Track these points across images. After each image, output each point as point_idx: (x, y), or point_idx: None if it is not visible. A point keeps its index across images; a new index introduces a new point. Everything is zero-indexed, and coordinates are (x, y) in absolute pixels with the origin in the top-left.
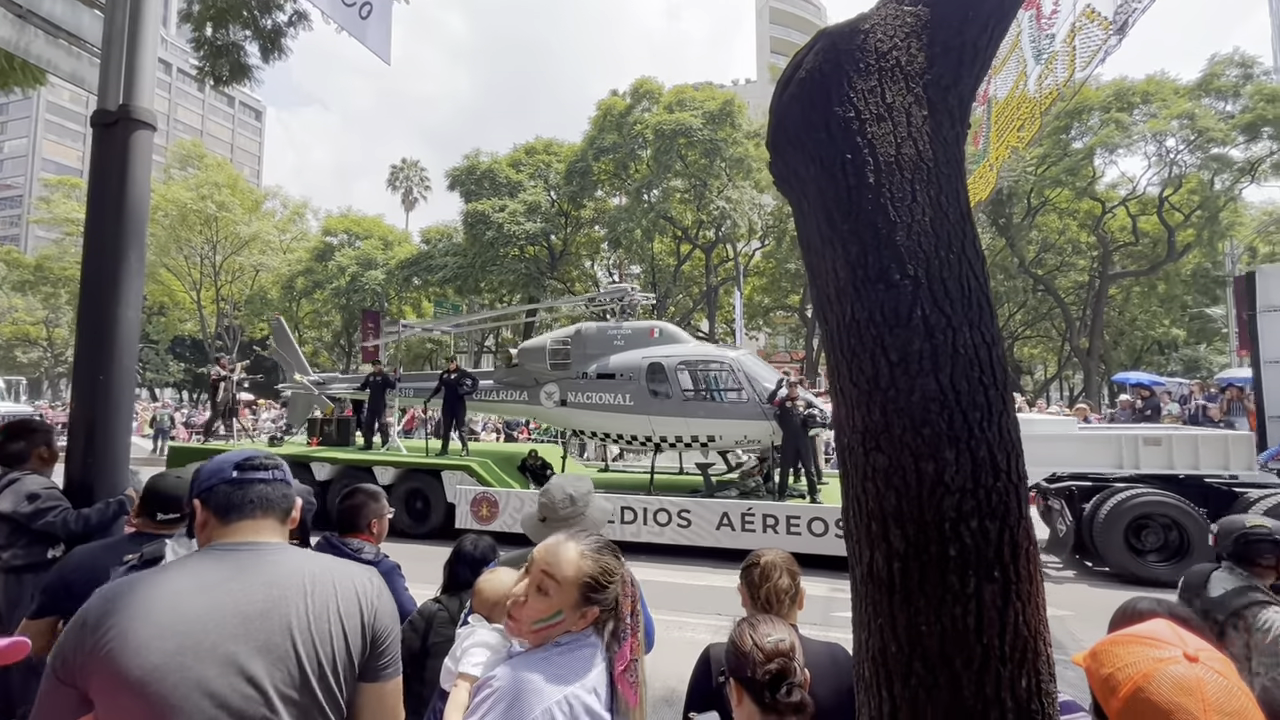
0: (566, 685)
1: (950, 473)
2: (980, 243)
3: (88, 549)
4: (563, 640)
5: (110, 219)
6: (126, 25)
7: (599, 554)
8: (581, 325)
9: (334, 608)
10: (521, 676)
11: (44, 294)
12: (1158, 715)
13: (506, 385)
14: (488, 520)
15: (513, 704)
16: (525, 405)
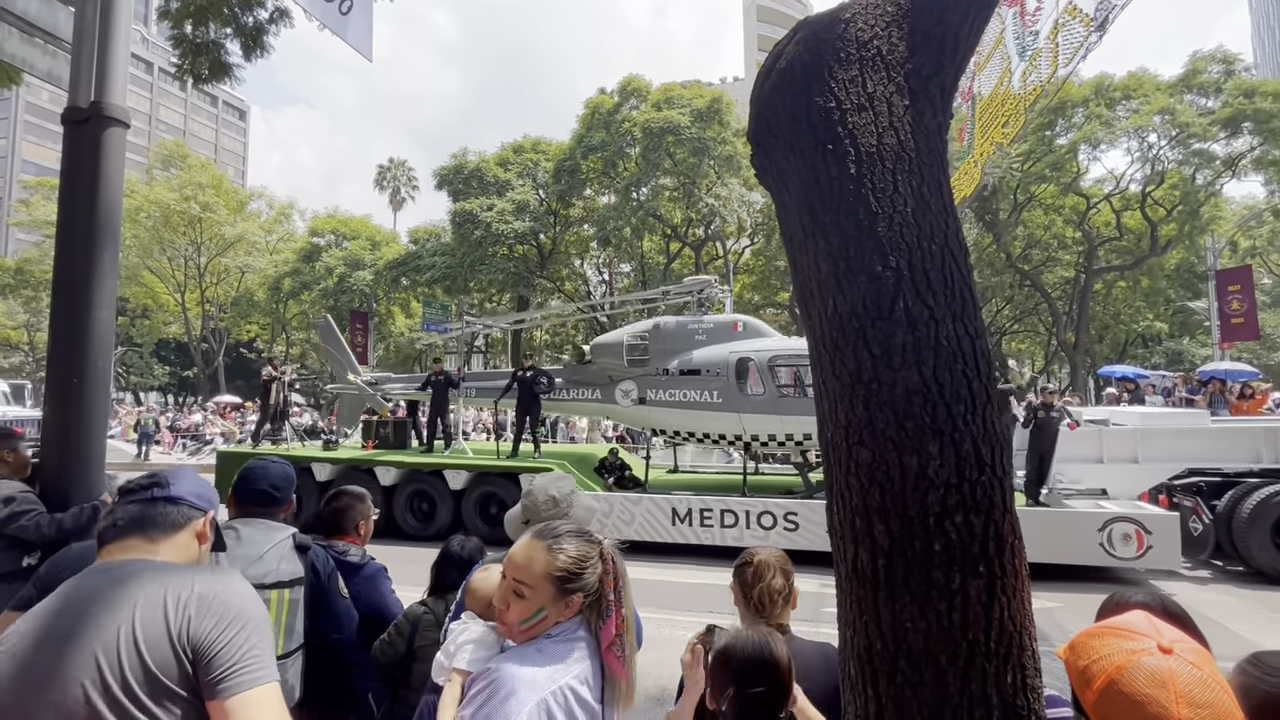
0: (559, 678)
1: (934, 467)
2: (964, 234)
3: (86, 545)
4: (553, 632)
5: (83, 218)
6: (98, 20)
7: (566, 544)
8: (660, 320)
9: (132, 623)
10: (516, 670)
11: (25, 298)
12: (1130, 707)
13: (577, 383)
14: None
15: (508, 697)
16: (598, 404)
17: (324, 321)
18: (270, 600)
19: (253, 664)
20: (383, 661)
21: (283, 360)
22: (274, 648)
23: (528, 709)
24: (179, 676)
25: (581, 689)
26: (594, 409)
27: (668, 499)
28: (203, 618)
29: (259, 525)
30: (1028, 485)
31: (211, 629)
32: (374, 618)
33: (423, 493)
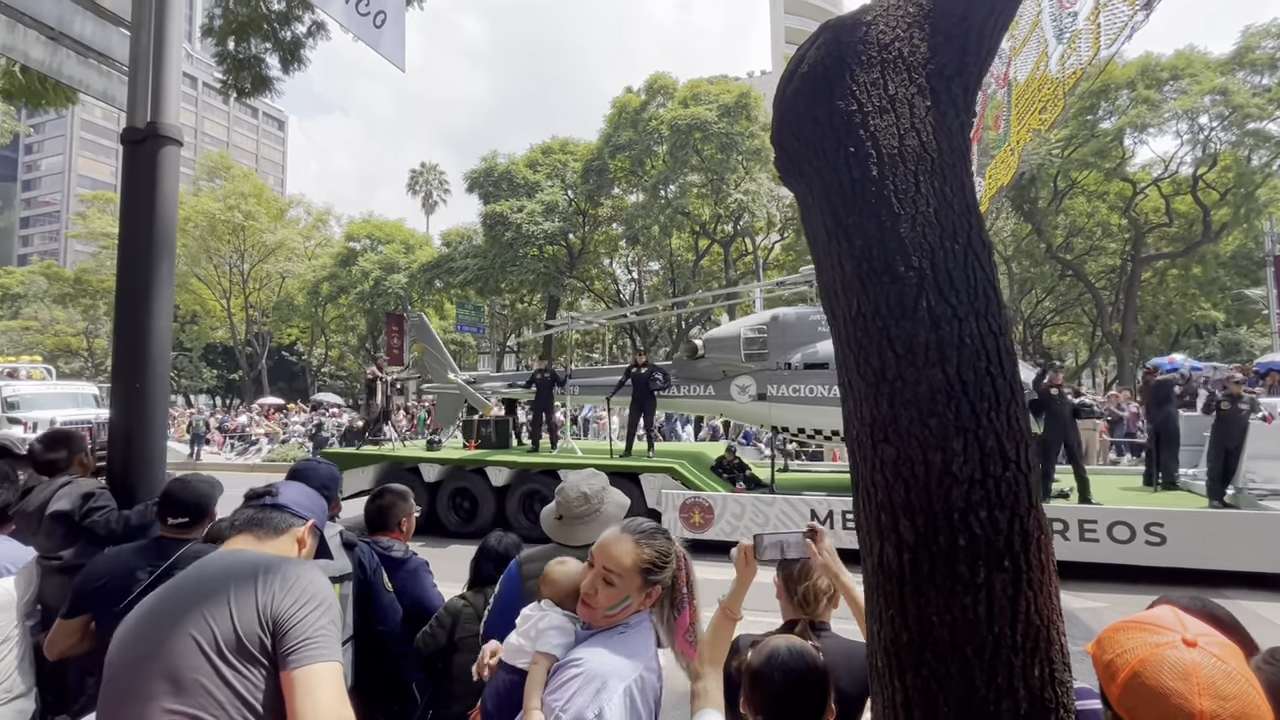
0: (638, 666)
1: (958, 463)
2: (986, 233)
3: (116, 551)
4: (631, 622)
5: (142, 232)
6: (151, 44)
7: (652, 540)
8: (779, 311)
9: (229, 594)
10: (605, 659)
11: (83, 306)
12: (1154, 699)
13: (689, 379)
14: (701, 528)
15: (602, 687)
16: (711, 400)
17: (419, 320)
18: None
19: (321, 641)
20: (425, 652)
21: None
22: (340, 634)
23: (618, 697)
24: (260, 645)
25: (651, 676)
26: (707, 406)
27: (804, 500)
28: (285, 594)
29: None
30: (1210, 485)
31: (290, 605)
32: (417, 610)
33: (536, 493)
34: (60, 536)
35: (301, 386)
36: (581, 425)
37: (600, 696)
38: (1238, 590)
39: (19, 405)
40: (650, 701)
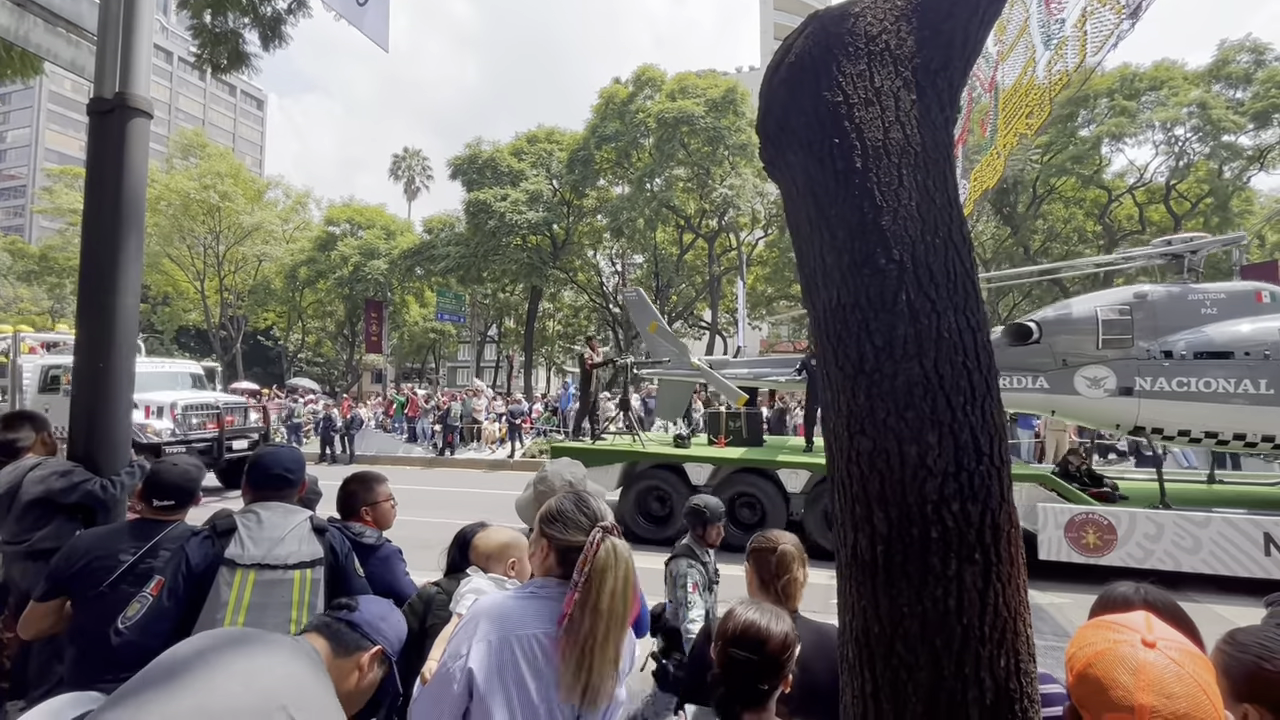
0: (528, 624)
1: (932, 456)
2: (967, 228)
3: (94, 534)
4: (543, 588)
5: (108, 207)
6: (121, 11)
7: (567, 497)
8: (1146, 288)
9: None
10: (488, 606)
11: (49, 284)
12: (1098, 689)
13: (1010, 369)
14: (1098, 551)
15: (475, 628)
16: (1042, 395)
17: (635, 295)
18: (294, 579)
19: None
20: None
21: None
22: None
23: (484, 643)
24: None
25: (547, 644)
26: (1031, 401)
27: (1252, 519)
28: None
29: (277, 509)
30: None
31: None
32: (388, 597)
33: (742, 495)
34: (34, 520)
35: (278, 372)
36: None
37: (473, 637)
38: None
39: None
40: (541, 667)
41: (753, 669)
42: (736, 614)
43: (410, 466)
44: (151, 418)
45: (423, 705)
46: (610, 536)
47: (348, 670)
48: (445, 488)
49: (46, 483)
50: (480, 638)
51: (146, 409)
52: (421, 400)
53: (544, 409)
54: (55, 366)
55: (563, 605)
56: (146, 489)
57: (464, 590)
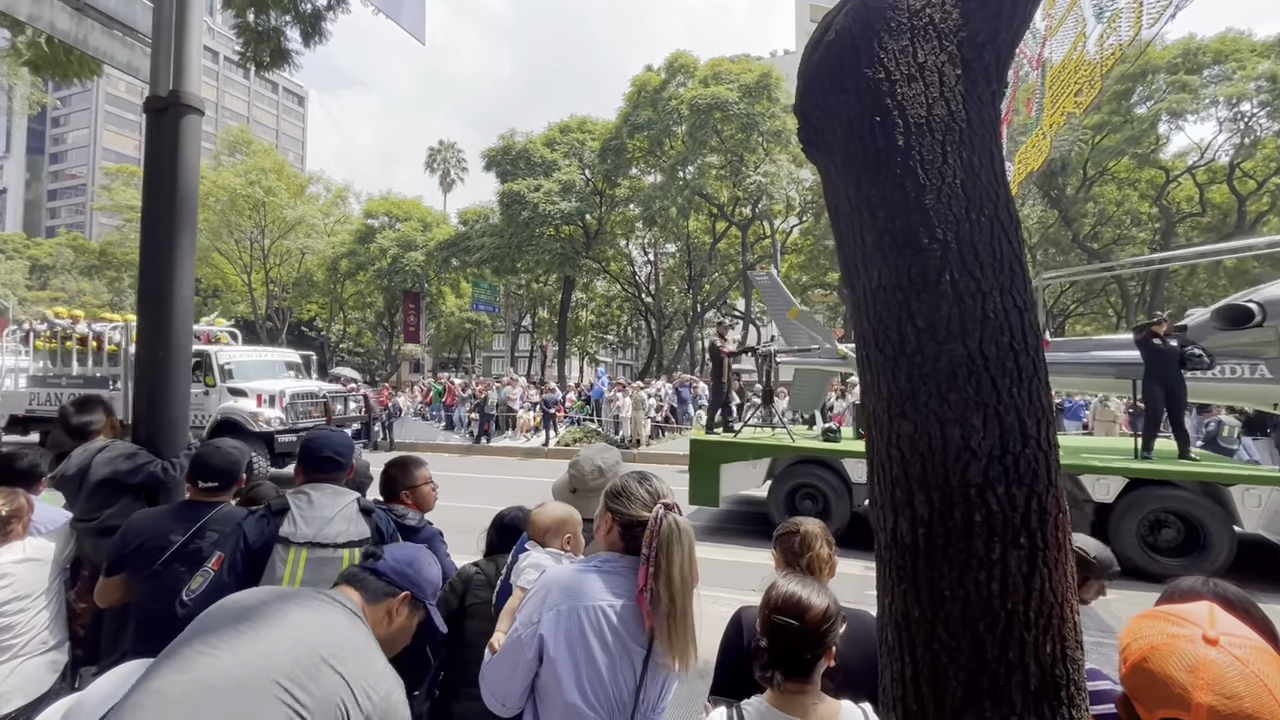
0: (594, 597)
1: (976, 439)
2: (1015, 206)
3: (146, 515)
4: (608, 562)
5: (164, 201)
6: (174, 13)
7: (631, 476)
8: None
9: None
10: (557, 576)
11: (109, 278)
12: (1153, 684)
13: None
14: None
15: (545, 596)
16: (1262, 385)
17: (767, 279)
18: (343, 558)
19: None
20: None
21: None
22: None
23: (554, 612)
24: None
25: (612, 612)
26: (1252, 394)
27: None
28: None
29: (326, 490)
30: None
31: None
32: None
33: None
34: (102, 499)
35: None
36: None
37: (544, 605)
38: None
39: (234, 374)
40: (607, 637)
41: (794, 635)
42: (779, 585)
43: (448, 454)
44: (264, 406)
45: (497, 669)
46: (672, 513)
47: (380, 616)
48: (482, 474)
49: (113, 464)
50: (550, 606)
51: (259, 397)
52: (458, 389)
53: (577, 398)
54: (191, 355)
55: (630, 578)
56: (193, 471)
57: (524, 564)
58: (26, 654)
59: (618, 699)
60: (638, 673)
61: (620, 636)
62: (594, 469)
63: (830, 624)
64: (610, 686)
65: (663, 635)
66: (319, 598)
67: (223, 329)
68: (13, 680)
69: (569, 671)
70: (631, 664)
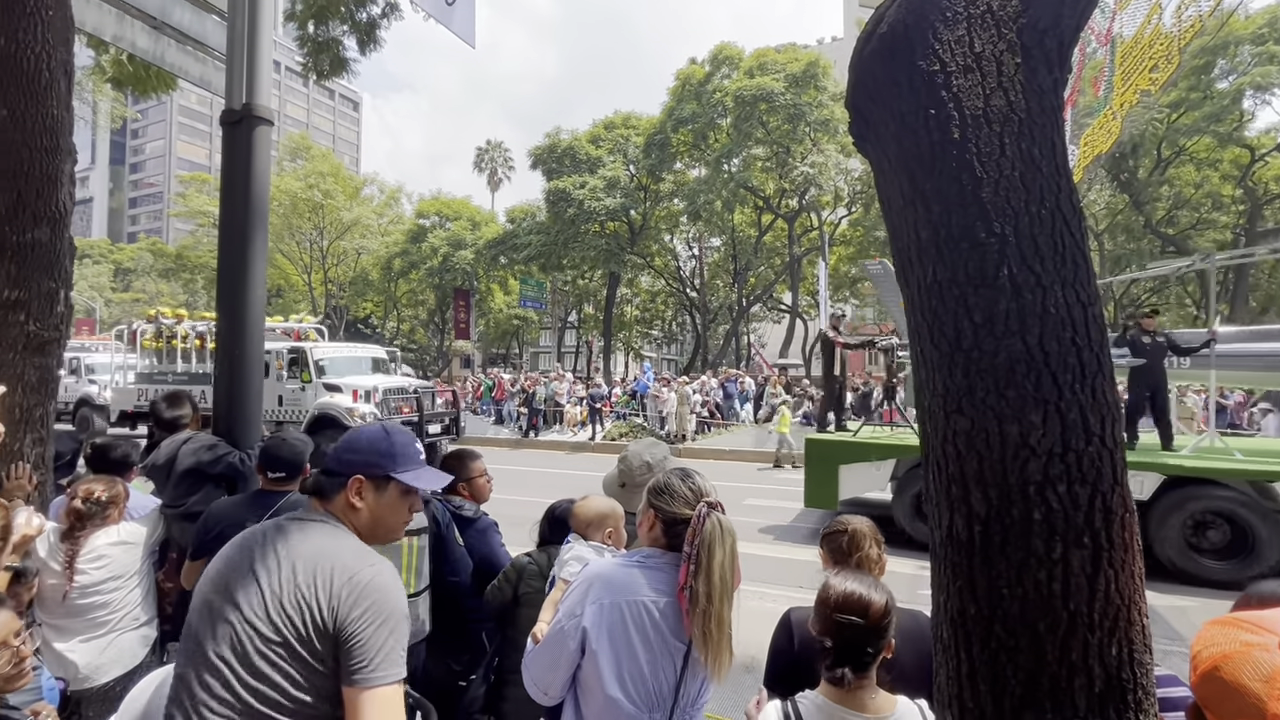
0: (638, 591)
1: (1036, 436)
2: (1077, 197)
3: (227, 502)
4: (651, 557)
5: (239, 207)
6: (246, 30)
7: (673, 473)
8: None
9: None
10: (600, 569)
11: (184, 280)
12: (1227, 694)
13: None
14: None
15: (588, 589)
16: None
17: (881, 268)
18: (403, 546)
19: (383, 662)
20: (493, 605)
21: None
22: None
23: (596, 605)
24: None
25: (654, 608)
26: None
27: None
28: (355, 609)
29: None
30: None
31: (358, 623)
32: (485, 566)
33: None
34: (187, 487)
35: None
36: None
37: (587, 599)
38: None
39: (327, 370)
40: (649, 632)
41: (858, 632)
42: (835, 583)
43: (498, 447)
44: (359, 401)
45: (539, 659)
46: (715, 512)
47: (343, 508)
48: (531, 468)
49: (196, 455)
50: (593, 600)
51: (354, 393)
52: (508, 384)
53: (623, 393)
54: (264, 352)
55: (672, 575)
56: (262, 462)
57: (567, 556)
58: (121, 629)
59: (658, 693)
60: (678, 668)
61: (661, 632)
62: (642, 464)
63: (890, 618)
64: (651, 681)
65: (697, 636)
66: (302, 524)
67: (310, 325)
68: (110, 653)
69: (610, 665)
70: (672, 660)
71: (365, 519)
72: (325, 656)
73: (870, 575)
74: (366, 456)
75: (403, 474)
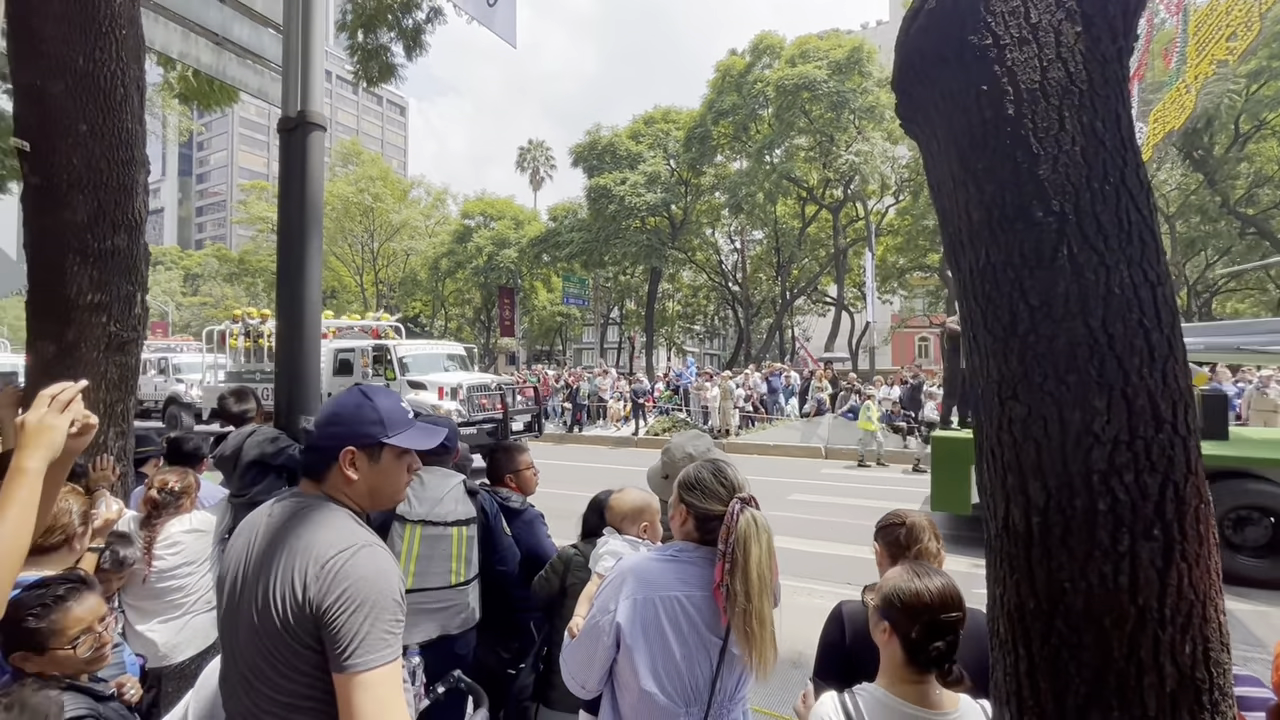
0: (673, 586)
1: (1100, 423)
2: (1145, 172)
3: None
4: (685, 551)
5: (295, 209)
6: (300, 42)
7: (705, 465)
8: None
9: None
10: (634, 564)
11: (246, 284)
12: None
13: None
14: None
15: (622, 584)
16: None
17: None
18: (452, 535)
19: (360, 647)
20: (541, 595)
21: None
22: (398, 628)
23: (631, 600)
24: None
25: (688, 604)
26: None
27: None
28: (328, 591)
29: (437, 472)
30: None
31: (332, 603)
32: (531, 557)
33: None
34: (251, 477)
35: None
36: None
37: (620, 594)
38: None
39: (410, 367)
40: (683, 627)
41: (958, 627)
42: (921, 581)
43: (542, 442)
44: (445, 399)
45: (576, 654)
46: (749, 508)
47: (336, 484)
48: (576, 462)
49: (260, 447)
50: (627, 595)
51: (440, 390)
52: (552, 380)
53: (665, 387)
54: (346, 350)
55: (705, 570)
56: None
57: (601, 551)
58: (195, 611)
59: (694, 688)
60: (714, 663)
61: (696, 626)
62: (685, 456)
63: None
64: (686, 675)
65: (739, 635)
66: (313, 509)
67: (389, 323)
68: (185, 633)
69: (645, 660)
70: (708, 654)
71: (363, 489)
72: (312, 644)
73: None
74: (353, 427)
75: (395, 437)
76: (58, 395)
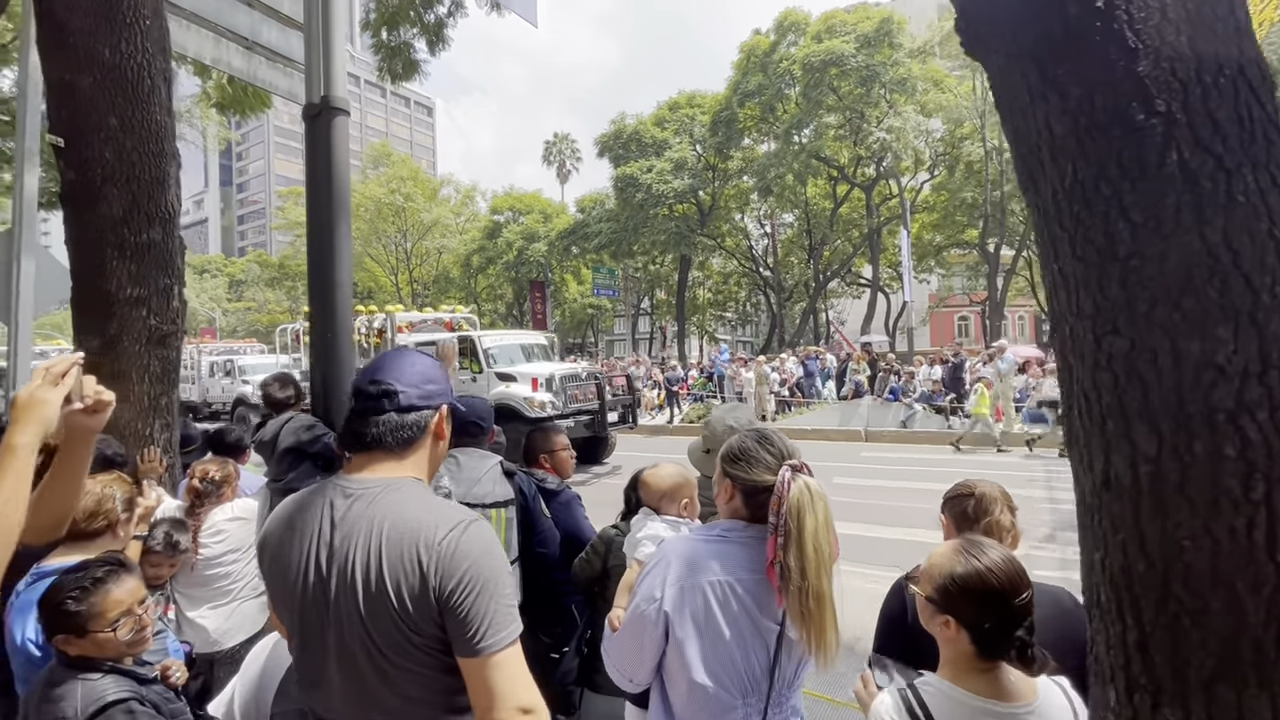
0: (719, 568)
1: (1225, 353)
2: (1264, 63)
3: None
4: (734, 530)
5: (323, 195)
6: (320, 31)
7: (748, 436)
8: None
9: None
10: (677, 547)
11: (287, 288)
12: None
13: None
14: None
15: (668, 569)
16: None
17: None
18: (491, 517)
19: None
20: (582, 578)
21: None
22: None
23: (682, 583)
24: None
25: (740, 588)
26: None
27: None
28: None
29: (473, 454)
30: None
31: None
32: (570, 538)
33: None
34: (288, 464)
35: None
36: (717, 384)
37: (666, 581)
38: None
39: (497, 359)
40: (736, 614)
41: (1032, 605)
42: (978, 562)
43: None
44: (539, 390)
45: (622, 648)
46: (800, 475)
47: (423, 456)
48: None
49: (297, 434)
50: (673, 582)
51: (534, 381)
52: None
53: (698, 375)
54: (427, 344)
55: (757, 550)
56: (340, 442)
57: (640, 535)
58: (243, 597)
59: (750, 678)
60: (771, 651)
61: (750, 613)
62: (726, 428)
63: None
64: (742, 666)
65: (795, 616)
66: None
67: (463, 315)
68: (234, 619)
69: (696, 651)
70: (764, 642)
71: (437, 457)
72: (433, 630)
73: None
74: (444, 384)
75: (451, 404)
76: (50, 368)
